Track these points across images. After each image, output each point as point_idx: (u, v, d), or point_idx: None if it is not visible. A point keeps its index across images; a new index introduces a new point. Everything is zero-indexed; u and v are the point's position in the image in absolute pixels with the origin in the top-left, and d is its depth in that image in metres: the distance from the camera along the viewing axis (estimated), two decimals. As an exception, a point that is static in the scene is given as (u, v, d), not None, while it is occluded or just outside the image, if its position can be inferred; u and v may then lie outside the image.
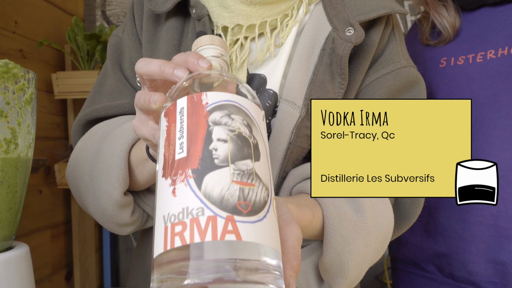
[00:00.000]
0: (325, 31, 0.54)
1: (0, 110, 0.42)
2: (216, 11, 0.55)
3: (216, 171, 0.29)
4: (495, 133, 0.71)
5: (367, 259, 0.49)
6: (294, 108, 0.52)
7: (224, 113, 0.32)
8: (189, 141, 0.31)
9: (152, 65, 0.39)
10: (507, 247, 0.69)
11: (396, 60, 0.56)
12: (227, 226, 0.27)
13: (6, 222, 0.44)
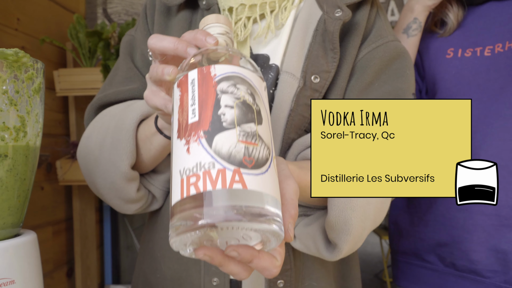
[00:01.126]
0: (317, 15, 0.61)
1: (10, 99, 0.43)
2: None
3: (224, 132, 0.33)
4: (498, 123, 0.72)
5: (369, 216, 0.52)
6: (293, 78, 0.58)
7: (230, 83, 0.36)
8: (200, 107, 0.35)
9: (165, 42, 0.43)
10: (509, 235, 0.70)
11: (384, 36, 0.63)
12: (234, 177, 0.32)
13: (15, 209, 0.45)
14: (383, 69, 0.61)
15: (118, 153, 0.56)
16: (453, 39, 0.82)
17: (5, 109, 0.42)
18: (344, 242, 0.51)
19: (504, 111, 0.72)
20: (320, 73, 0.59)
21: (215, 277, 0.60)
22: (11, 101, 0.43)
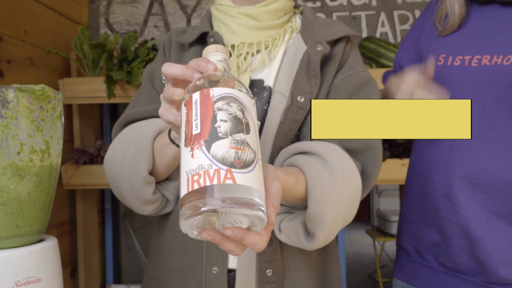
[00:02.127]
0: (303, 48, 0.75)
1: (37, 126, 0.51)
2: (227, 35, 0.76)
3: (219, 141, 0.44)
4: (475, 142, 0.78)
5: (341, 211, 0.63)
6: (283, 97, 0.72)
7: (225, 102, 0.46)
8: (202, 122, 0.45)
9: (176, 69, 0.54)
10: (480, 247, 0.78)
11: (355, 67, 0.76)
12: (227, 175, 0.42)
13: (40, 218, 0.54)
14: (353, 93, 0.74)
15: (138, 160, 0.66)
16: (448, 42, 0.85)
17: (33, 135, 0.51)
18: (321, 232, 0.61)
19: (481, 131, 0.78)
20: (305, 94, 0.72)
21: (215, 266, 0.70)
22: (38, 128, 0.51)
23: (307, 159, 0.64)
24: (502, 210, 0.76)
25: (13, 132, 0.49)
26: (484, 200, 0.78)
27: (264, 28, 0.75)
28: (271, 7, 0.75)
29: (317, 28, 0.76)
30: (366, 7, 1.91)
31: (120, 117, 0.78)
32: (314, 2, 1.93)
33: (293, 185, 0.58)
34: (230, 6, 0.76)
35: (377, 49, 1.62)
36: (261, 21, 0.75)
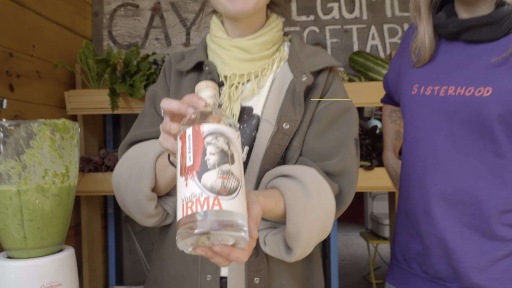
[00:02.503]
0: (289, 78, 0.82)
1: (59, 153, 0.61)
2: (220, 66, 0.84)
3: (208, 172, 0.51)
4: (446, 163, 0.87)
5: (316, 229, 0.71)
6: (270, 125, 0.78)
7: (213, 137, 0.55)
8: (194, 155, 0.53)
9: (173, 105, 0.62)
10: (454, 256, 0.87)
11: (337, 95, 0.83)
12: (214, 201, 0.49)
13: (61, 231, 0.63)
14: (334, 120, 0.81)
15: (142, 179, 0.74)
16: (420, 73, 0.94)
17: (55, 161, 0.60)
18: (297, 247, 0.70)
19: (451, 153, 0.87)
20: (290, 121, 0.79)
21: (209, 274, 0.79)
22: (59, 155, 0.61)
23: (287, 182, 0.72)
24: (473, 223, 0.85)
25: (39, 160, 0.59)
26: (456, 214, 0.87)
27: (254, 59, 0.82)
28: (261, 39, 0.82)
29: (303, 58, 0.83)
30: (357, 20, 2.00)
31: (126, 137, 0.87)
32: (307, 16, 2.02)
33: (272, 207, 0.67)
34: (223, 38, 0.84)
35: (366, 63, 1.72)
36: (252, 53, 0.82)
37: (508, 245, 0.82)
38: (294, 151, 0.80)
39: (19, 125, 0.58)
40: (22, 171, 0.59)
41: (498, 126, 0.80)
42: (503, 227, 0.82)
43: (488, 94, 0.81)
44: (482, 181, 0.83)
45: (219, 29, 0.85)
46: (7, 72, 1.46)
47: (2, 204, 0.60)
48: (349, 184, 0.78)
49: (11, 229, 0.61)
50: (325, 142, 0.80)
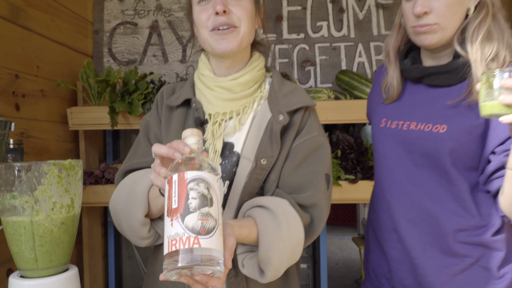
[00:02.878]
0: (268, 117, 0.91)
1: (65, 189, 0.72)
2: (206, 104, 0.94)
3: (190, 215, 0.62)
4: (410, 187, 0.97)
5: (285, 255, 0.81)
6: (248, 161, 0.88)
7: (195, 183, 0.65)
8: (179, 199, 0.64)
9: (162, 150, 0.72)
10: (419, 271, 0.97)
11: (311, 132, 0.92)
12: (194, 240, 0.60)
13: (67, 254, 0.74)
14: (308, 156, 0.91)
15: (136, 206, 0.84)
16: (388, 109, 1.07)
17: (62, 195, 0.71)
18: (268, 271, 0.80)
19: (414, 179, 0.98)
20: (267, 157, 0.88)
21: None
22: (66, 190, 0.72)
23: (261, 212, 0.82)
24: (433, 241, 0.96)
25: (48, 194, 0.70)
26: (419, 233, 0.98)
27: (237, 98, 0.91)
28: (243, 79, 0.91)
29: (281, 97, 0.92)
30: (345, 38, 2.11)
31: (122, 165, 0.98)
32: (298, 34, 2.13)
33: (246, 235, 0.78)
34: (209, 77, 0.93)
35: (351, 82, 1.83)
36: (235, 92, 0.91)
37: (463, 260, 0.93)
38: (271, 183, 0.89)
39: (31, 166, 0.69)
40: (34, 205, 0.70)
41: (448, 159, 0.91)
42: (458, 244, 0.93)
43: (443, 131, 0.92)
44: (440, 204, 0.94)
45: (206, 67, 0.95)
46: (13, 93, 1.57)
47: (17, 232, 0.71)
48: (319, 216, 0.88)
49: (25, 253, 0.72)
50: (298, 177, 0.89)
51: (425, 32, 0.93)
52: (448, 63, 0.95)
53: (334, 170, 1.78)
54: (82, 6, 2.08)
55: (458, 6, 0.91)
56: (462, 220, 0.93)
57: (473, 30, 0.91)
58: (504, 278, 0.92)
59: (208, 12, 0.88)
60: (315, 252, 2.40)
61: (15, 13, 1.57)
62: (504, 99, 0.71)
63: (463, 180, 0.93)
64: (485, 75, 0.75)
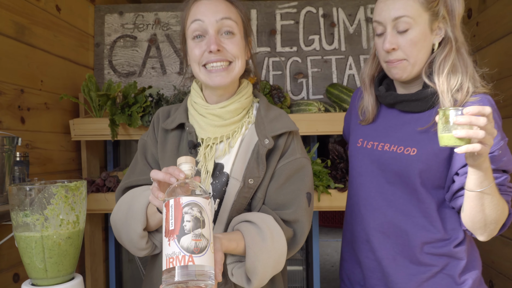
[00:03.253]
0: (254, 140, 1.00)
1: (71, 207, 0.81)
2: (198, 130, 1.03)
3: (185, 236, 0.71)
4: (383, 202, 1.07)
5: (270, 266, 0.91)
6: (237, 181, 0.98)
7: (189, 207, 0.74)
8: (175, 221, 0.73)
9: (159, 175, 0.81)
10: (391, 278, 1.06)
11: (294, 154, 1.02)
12: (189, 259, 0.69)
13: (72, 264, 0.84)
14: (291, 176, 1.00)
15: (136, 221, 0.93)
16: (365, 130, 1.16)
17: (69, 213, 0.81)
18: (254, 280, 0.90)
19: (387, 195, 1.07)
20: (254, 177, 0.97)
21: None
22: (72, 208, 0.81)
23: (248, 227, 0.92)
24: (403, 251, 1.06)
25: (56, 213, 0.79)
26: (391, 244, 1.07)
27: (226, 124, 1.00)
28: (232, 107, 1.01)
29: (267, 123, 1.01)
30: (336, 52, 2.21)
31: (121, 182, 1.07)
32: (291, 47, 2.22)
33: (234, 248, 0.88)
34: (201, 105, 1.03)
35: (340, 95, 1.92)
36: (225, 119, 1.00)
37: (430, 269, 1.03)
38: (258, 201, 0.99)
39: (41, 188, 0.79)
40: (44, 222, 0.80)
41: (418, 179, 1.01)
42: (425, 255, 1.03)
43: (414, 153, 1.02)
44: (409, 218, 1.04)
45: (198, 95, 1.05)
46: (19, 107, 1.67)
47: (29, 246, 0.81)
48: (301, 230, 0.98)
49: (36, 264, 0.82)
50: (282, 195, 0.99)
51: (395, 66, 1.03)
52: (418, 91, 1.05)
53: (324, 179, 1.87)
54: (83, 21, 2.18)
55: (423, 42, 1.01)
56: (429, 234, 1.02)
57: (439, 64, 1.01)
58: (465, 283, 1.02)
59: (202, 48, 0.96)
60: (308, 256, 2.50)
61: (20, 31, 1.67)
62: (456, 133, 0.80)
63: (431, 198, 1.02)
64: (442, 111, 0.84)
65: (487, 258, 1.95)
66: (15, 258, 1.59)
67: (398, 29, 1.00)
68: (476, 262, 1.06)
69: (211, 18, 0.96)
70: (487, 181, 0.88)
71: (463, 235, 1.03)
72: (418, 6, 0.98)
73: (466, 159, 0.88)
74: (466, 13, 2.12)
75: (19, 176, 1.48)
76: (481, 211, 0.92)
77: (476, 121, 0.79)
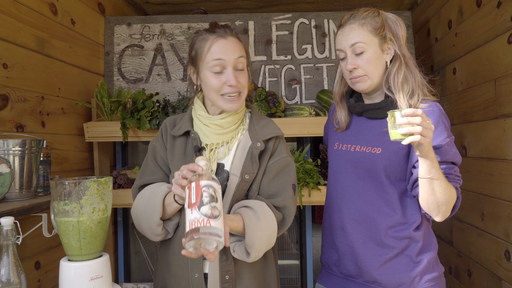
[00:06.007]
0: (249, 144, 1.25)
1: (101, 198, 1.02)
2: (202, 136, 1.26)
3: (204, 205, 0.95)
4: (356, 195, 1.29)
5: (264, 241, 1.14)
6: (236, 177, 1.22)
7: (206, 187, 0.98)
8: (196, 197, 0.97)
9: (189, 166, 1.05)
10: (360, 258, 1.27)
11: (281, 154, 1.27)
12: (207, 222, 0.93)
13: (101, 244, 1.06)
14: (280, 171, 1.24)
15: (154, 212, 1.16)
16: (340, 136, 1.40)
17: (99, 202, 1.02)
18: (252, 252, 1.13)
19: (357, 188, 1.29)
20: (249, 173, 1.22)
21: (196, 273, 1.21)
22: (102, 198, 1.03)
23: (246, 211, 1.16)
24: (371, 235, 1.28)
25: (90, 202, 1.01)
26: (361, 230, 1.29)
27: (226, 132, 1.24)
28: (230, 118, 1.24)
29: (258, 129, 1.26)
30: (327, 60, 2.42)
31: (135, 182, 1.30)
32: (285, 56, 2.43)
33: (235, 226, 1.12)
34: (204, 116, 1.26)
35: (329, 100, 2.13)
36: (225, 128, 1.24)
37: (392, 251, 1.24)
38: (254, 192, 1.23)
39: (78, 182, 1.00)
40: (80, 209, 1.01)
41: (383, 173, 1.23)
42: (389, 238, 1.25)
43: (379, 152, 1.24)
44: (376, 207, 1.26)
45: (201, 109, 1.28)
46: (40, 112, 1.88)
47: (67, 229, 1.02)
48: (288, 214, 1.23)
49: (72, 243, 1.03)
50: (273, 187, 1.23)
51: (358, 81, 1.27)
52: (382, 101, 1.28)
53: (315, 177, 2.09)
54: (95, 32, 2.39)
55: (377, 60, 1.25)
56: (391, 219, 1.25)
57: (393, 77, 1.25)
58: (421, 262, 1.24)
59: (221, 81, 1.19)
60: (302, 249, 2.71)
61: (40, 45, 1.88)
62: (400, 130, 1.04)
63: (394, 189, 1.25)
64: (390, 113, 1.07)
65: (465, 249, 2.16)
66: (37, 248, 1.80)
67: (355, 52, 1.24)
68: (432, 245, 1.28)
69: (230, 57, 1.17)
70: (434, 168, 1.11)
71: (420, 219, 1.25)
72: (368, 33, 1.23)
73: (415, 150, 1.10)
74: (447, 24, 2.32)
75: (43, 174, 1.69)
76: (433, 194, 1.14)
77: (413, 120, 1.02)
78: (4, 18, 1.64)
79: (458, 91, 2.21)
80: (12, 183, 1.36)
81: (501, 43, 1.76)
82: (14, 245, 0.96)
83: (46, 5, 1.92)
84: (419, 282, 1.23)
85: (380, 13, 1.28)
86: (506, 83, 1.72)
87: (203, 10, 2.58)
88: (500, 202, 1.78)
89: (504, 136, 1.73)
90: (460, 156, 1.23)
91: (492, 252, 1.86)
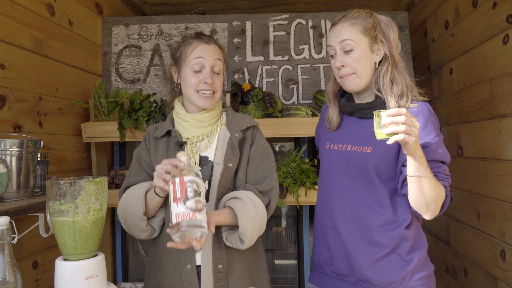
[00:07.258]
0: (228, 136, 1.32)
1: (97, 197, 1.04)
2: (183, 132, 1.33)
3: (189, 200, 1.02)
4: (346, 193, 1.30)
5: (256, 227, 1.22)
6: (219, 166, 1.29)
7: (190, 183, 1.04)
8: (181, 192, 1.02)
9: (171, 161, 1.09)
10: (352, 257, 1.29)
11: (259, 141, 1.37)
12: (193, 215, 1.00)
13: (96, 243, 1.07)
14: (262, 158, 1.33)
15: (137, 206, 1.22)
16: (331, 136, 1.41)
17: (95, 202, 1.03)
18: (246, 239, 1.19)
19: (348, 187, 1.30)
20: (232, 161, 1.29)
21: (189, 264, 1.25)
22: (97, 198, 1.04)
23: (236, 202, 1.22)
24: (362, 234, 1.29)
25: (85, 202, 1.02)
26: (352, 229, 1.30)
27: (205, 126, 1.33)
28: (208, 113, 1.33)
29: (235, 122, 1.35)
30: (324, 60, 2.43)
31: (123, 184, 1.35)
32: (283, 56, 2.45)
33: (222, 220, 1.18)
34: (184, 114, 1.34)
35: (325, 101, 2.14)
36: (204, 122, 1.32)
37: (383, 250, 1.26)
38: (241, 180, 1.31)
39: (73, 182, 1.01)
40: (75, 209, 1.02)
41: (374, 171, 1.24)
42: (380, 236, 1.26)
43: (369, 151, 1.25)
44: (367, 206, 1.27)
45: (181, 108, 1.36)
46: (38, 112, 1.89)
47: (63, 228, 1.03)
48: (274, 195, 1.32)
49: (67, 243, 1.04)
50: (259, 172, 1.32)
51: (347, 79, 1.29)
52: (371, 101, 1.29)
53: (311, 176, 2.10)
54: (92, 32, 2.40)
55: (366, 60, 1.27)
56: (382, 217, 1.26)
57: (382, 77, 1.27)
58: (411, 261, 1.26)
59: (199, 79, 1.30)
60: (299, 249, 2.72)
61: (38, 45, 1.89)
62: (384, 130, 1.05)
63: (384, 187, 1.26)
64: (376, 113, 1.08)
65: (461, 249, 2.17)
66: (34, 247, 1.81)
67: (344, 49, 1.27)
68: (422, 244, 1.30)
69: (210, 58, 1.31)
70: (422, 167, 1.12)
71: (410, 218, 1.27)
72: (358, 33, 1.26)
73: (403, 149, 1.11)
74: (443, 24, 2.34)
75: (40, 174, 1.70)
76: (421, 192, 1.15)
77: (397, 119, 1.03)
78: (2, 18, 1.65)
79: (454, 91, 2.22)
80: (9, 183, 1.37)
81: (497, 43, 1.77)
82: (9, 245, 0.97)
83: (43, 6, 1.94)
84: (410, 281, 1.25)
85: (373, 14, 1.30)
86: (501, 84, 1.74)
87: (201, 11, 2.59)
88: (495, 202, 1.79)
89: (499, 136, 1.75)
90: (449, 155, 1.25)
91: (488, 252, 1.87)
